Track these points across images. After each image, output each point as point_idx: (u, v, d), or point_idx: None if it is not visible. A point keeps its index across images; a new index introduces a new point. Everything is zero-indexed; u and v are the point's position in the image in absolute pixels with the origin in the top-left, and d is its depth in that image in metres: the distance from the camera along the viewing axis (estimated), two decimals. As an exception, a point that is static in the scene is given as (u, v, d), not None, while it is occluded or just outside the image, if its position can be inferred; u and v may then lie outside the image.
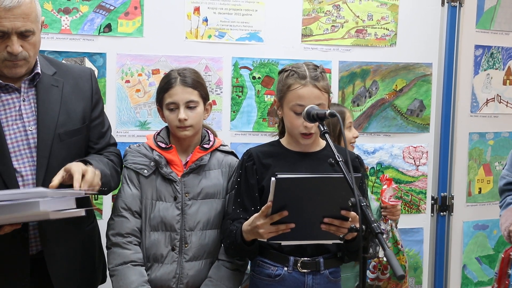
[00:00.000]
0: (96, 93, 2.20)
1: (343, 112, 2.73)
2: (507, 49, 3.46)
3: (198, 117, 2.26)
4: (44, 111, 2.01)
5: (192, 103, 2.24)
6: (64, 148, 2.02)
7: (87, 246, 2.22)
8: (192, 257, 2.24)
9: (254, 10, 3.08)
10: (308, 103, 2.06)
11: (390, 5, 3.22)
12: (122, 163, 2.30)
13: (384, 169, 3.25)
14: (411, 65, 3.26)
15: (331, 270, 2.19)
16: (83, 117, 2.12)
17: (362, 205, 1.63)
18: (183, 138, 2.27)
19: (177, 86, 2.24)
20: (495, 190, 3.42)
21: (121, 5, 2.92)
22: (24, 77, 2.02)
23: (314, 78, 2.12)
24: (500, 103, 3.48)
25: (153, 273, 2.23)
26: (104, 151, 2.23)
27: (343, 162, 1.78)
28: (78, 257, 2.15)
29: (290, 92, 2.13)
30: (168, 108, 2.25)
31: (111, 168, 2.14)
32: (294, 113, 2.13)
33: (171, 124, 2.26)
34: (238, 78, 3.08)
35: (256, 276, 2.22)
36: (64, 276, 2.08)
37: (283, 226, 1.92)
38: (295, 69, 2.16)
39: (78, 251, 2.15)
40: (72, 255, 2.11)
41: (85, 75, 2.19)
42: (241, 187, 2.20)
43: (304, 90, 2.11)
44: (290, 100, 2.13)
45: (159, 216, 2.23)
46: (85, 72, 2.21)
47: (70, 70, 2.17)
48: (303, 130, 2.13)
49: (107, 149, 2.25)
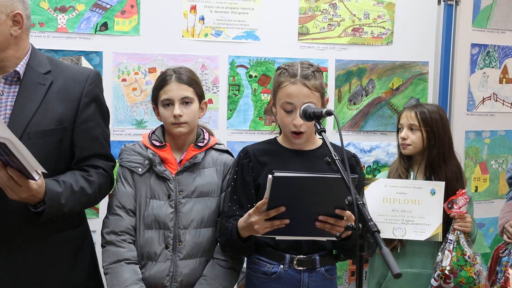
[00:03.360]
0: (87, 95, 2.07)
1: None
2: (503, 48, 3.46)
3: (193, 114, 2.26)
4: (20, 107, 1.97)
5: (187, 99, 2.24)
6: (32, 147, 1.84)
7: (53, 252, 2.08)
8: (186, 255, 2.24)
9: (250, 9, 3.07)
10: (297, 102, 2.07)
11: (386, 4, 3.22)
12: (107, 185, 2.15)
13: (380, 168, 3.25)
14: (408, 64, 3.26)
15: (327, 267, 2.20)
16: (60, 119, 2.01)
17: (358, 204, 1.64)
18: (178, 135, 2.27)
19: (172, 82, 2.25)
20: (492, 188, 3.43)
21: (118, 4, 2.91)
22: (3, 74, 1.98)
23: (305, 76, 2.13)
24: (496, 102, 3.49)
25: (147, 271, 2.23)
26: (90, 163, 2.08)
27: (340, 161, 1.78)
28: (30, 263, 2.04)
29: (280, 90, 2.15)
30: (163, 104, 2.25)
31: (69, 190, 1.98)
32: (284, 111, 2.15)
33: (166, 121, 2.26)
34: (235, 77, 3.08)
35: (252, 273, 2.22)
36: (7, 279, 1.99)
37: (278, 221, 1.92)
38: (287, 67, 2.17)
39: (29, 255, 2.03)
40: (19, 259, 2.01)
41: (80, 77, 2.08)
42: (237, 185, 2.21)
43: (293, 88, 2.12)
44: (280, 97, 2.15)
45: (153, 214, 2.23)
46: (82, 74, 2.10)
47: (66, 71, 2.10)
48: (293, 128, 2.14)
49: (94, 161, 2.09)
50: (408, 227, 2.56)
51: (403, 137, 2.64)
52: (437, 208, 2.55)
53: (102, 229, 2.26)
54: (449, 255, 2.49)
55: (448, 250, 2.50)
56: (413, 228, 2.56)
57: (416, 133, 2.62)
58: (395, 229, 2.56)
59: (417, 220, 2.56)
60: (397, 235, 2.55)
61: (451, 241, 2.50)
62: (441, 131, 2.63)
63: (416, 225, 2.56)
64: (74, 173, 2.05)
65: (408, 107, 2.72)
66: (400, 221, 2.56)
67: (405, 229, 2.56)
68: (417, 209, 2.56)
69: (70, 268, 2.12)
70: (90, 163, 2.09)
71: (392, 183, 2.60)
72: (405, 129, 2.65)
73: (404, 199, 2.57)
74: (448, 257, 2.49)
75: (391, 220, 2.56)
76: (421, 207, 2.56)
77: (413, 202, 2.57)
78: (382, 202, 2.57)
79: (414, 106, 2.71)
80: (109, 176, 2.16)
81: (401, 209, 2.56)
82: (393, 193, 2.57)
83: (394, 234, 2.55)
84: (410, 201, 2.57)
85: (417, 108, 2.66)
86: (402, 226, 2.56)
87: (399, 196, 2.57)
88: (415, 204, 2.57)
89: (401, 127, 2.68)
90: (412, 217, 2.56)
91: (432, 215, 2.55)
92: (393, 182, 2.60)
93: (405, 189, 2.57)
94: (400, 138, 2.67)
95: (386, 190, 2.58)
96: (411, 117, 2.63)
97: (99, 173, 2.10)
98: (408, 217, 2.56)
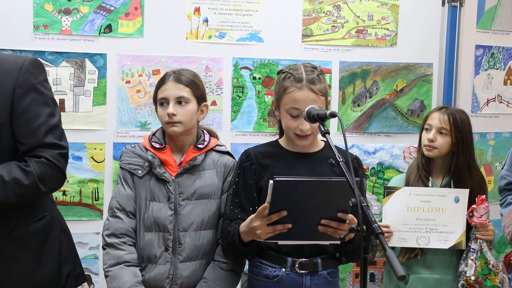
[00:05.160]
0: (21, 86, 1.93)
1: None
2: (507, 49, 3.45)
3: (188, 114, 2.25)
4: None
5: (183, 99, 2.24)
6: None
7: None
8: (186, 257, 2.24)
9: (254, 11, 3.07)
10: (304, 107, 2.06)
11: (390, 5, 3.21)
12: (52, 174, 1.97)
13: (384, 170, 3.25)
14: (412, 65, 3.26)
15: (329, 270, 2.19)
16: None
17: (362, 206, 1.63)
18: (173, 135, 2.27)
19: (169, 82, 2.26)
20: (496, 190, 3.41)
21: (122, 6, 2.92)
22: None
23: (311, 81, 2.12)
24: (500, 103, 3.48)
25: (147, 274, 2.24)
26: (34, 154, 1.95)
27: (344, 163, 1.78)
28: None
29: (286, 95, 2.13)
30: (160, 103, 2.27)
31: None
32: (289, 116, 2.13)
33: (162, 120, 2.27)
34: (239, 79, 3.08)
35: (254, 277, 2.22)
36: None
37: (280, 226, 1.91)
38: (292, 71, 2.15)
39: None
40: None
41: (13, 67, 1.94)
42: (239, 187, 2.20)
43: (300, 94, 2.11)
44: (286, 103, 2.14)
45: (153, 217, 2.23)
46: (15, 64, 1.95)
47: (1, 62, 1.96)
48: (299, 132, 2.14)
49: (38, 151, 1.95)
50: (432, 235, 2.54)
51: (431, 139, 2.59)
52: (461, 216, 2.53)
53: (103, 232, 2.26)
54: (473, 265, 2.46)
55: (472, 260, 2.47)
56: (437, 236, 2.54)
57: (445, 137, 2.59)
58: (419, 237, 2.55)
59: (441, 228, 2.54)
60: (421, 244, 2.54)
61: (474, 250, 2.47)
62: (469, 138, 2.61)
63: (440, 233, 2.54)
64: (9, 164, 1.93)
65: (439, 109, 2.67)
66: (424, 229, 2.54)
67: (428, 237, 2.54)
68: (441, 217, 2.54)
69: (34, 266, 2.04)
70: (34, 154, 1.95)
71: (416, 192, 2.56)
72: (433, 130, 2.60)
73: (428, 207, 2.54)
74: (472, 266, 2.46)
75: (415, 229, 2.55)
76: (444, 215, 2.54)
77: (437, 210, 2.54)
78: (407, 211, 2.55)
79: (445, 108, 2.66)
80: (54, 165, 1.96)
81: (425, 217, 2.54)
82: (417, 201, 2.55)
83: (418, 243, 2.54)
84: (434, 209, 2.54)
85: (449, 111, 2.62)
86: (426, 234, 2.54)
87: (423, 204, 2.55)
88: (439, 212, 2.55)
89: (429, 128, 2.63)
90: (436, 225, 2.54)
91: (455, 223, 2.53)
92: (417, 190, 2.57)
93: (429, 197, 2.55)
94: (428, 139, 2.61)
95: (411, 199, 2.55)
96: (444, 121, 2.59)
97: (40, 162, 1.94)
98: (432, 225, 2.54)
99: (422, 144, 2.66)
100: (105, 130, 2.94)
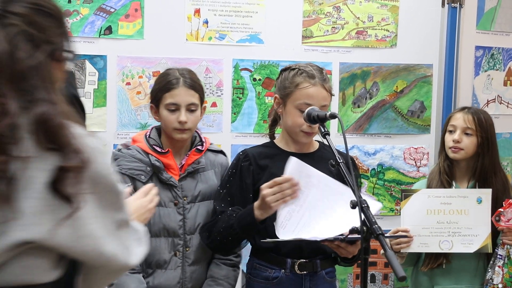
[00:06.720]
0: None
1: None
2: (507, 50, 3.45)
3: (196, 121, 2.25)
4: None
5: (193, 106, 2.22)
6: None
7: None
8: (194, 260, 2.24)
9: (254, 12, 3.08)
10: (316, 103, 2.06)
11: (390, 7, 3.22)
12: None
13: (385, 171, 3.25)
14: (412, 66, 3.26)
15: (327, 270, 2.20)
16: None
17: (363, 206, 1.63)
18: (179, 141, 2.24)
19: (180, 87, 2.20)
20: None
21: (122, 8, 2.92)
22: None
23: (323, 79, 2.14)
24: (500, 104, 3.48)
25: (156, 279, 2.21)
26: None
27: (344, 164, 1.78)
28: None
29: (299, 90, 2.12)
30: (168, 108, 2.21)
31: None
32: (299, 111, 2.11)
33: (169, 125, 2.21)
34: (239, 80, 3.08)
35: (253, 279, 2.21)
36: None
37: (290, 191, 1.92)
38: (302, 68, 2.16)
39: None
40: None
41: None
42: (233, 187, 2.17)
43: (314, 90, 2.11)
44: (297, 98, 2.12)
45: (161, 222, 2.20)
46: None
47: None
48: (307, 129, 2.12)
49: None
50: (455, 239, 2.41)
51: (457, 140, 2.48)
52: (485, 218, 2.41)
53: None
54: (500, 272, 2.37)
55: (499, 266, 2.38)
56: (461, 240, 2.41)
57: (470, 137, 2.48)
58: (442, 242, 2.42)
59: (464, 232, 2.41)
60: (444, 249, 2.42)
61: (501, 256, 2.38)
62: (494, 138, 2.52)
63: (464, 236, 2.41)
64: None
65: (461, 109, 2.58)
66: (446, 233, 2.41)
67: (452, 241, 2.41)
68: (464, 219, 2.42)
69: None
70: None
71: (436, 193, 2.45)
72: (458, 131, 2.49)
73: (449, 210, 2.42)
74: (499, 274, 2.37)
75: (437, 233, 2.41)
76: (467, 217, 2.42)
77: (459, 212, 2.42)
78: (426, 214, 2.43)
79: (468, 108, 2.58)
80: None
81: (447, 220, 2.41)
82: (437, 203, 2.42)
83: (441, 248, 2.42)
84: (455, 211, 2.42)
85: (472, 111, 2.54)
86: (449, 238, 2.41)
87: (444, 206, 2.42)
88: (461, 214, 2.42)
89: (453, 129, 2.52)
90: (459, 229, 2.41)
91: (480, 225, 2.41)
92: (436, 192, 2.46)
93: (450, 199, 2.43)
94: (453, 140, 2.49)
95: (430, 201, 2.43)
96: (469, 120, 2.48)
97: None
98: (455, 228, 2.41)
99: (446, 147, 2.54)
100: (105, 132, 2.94)
